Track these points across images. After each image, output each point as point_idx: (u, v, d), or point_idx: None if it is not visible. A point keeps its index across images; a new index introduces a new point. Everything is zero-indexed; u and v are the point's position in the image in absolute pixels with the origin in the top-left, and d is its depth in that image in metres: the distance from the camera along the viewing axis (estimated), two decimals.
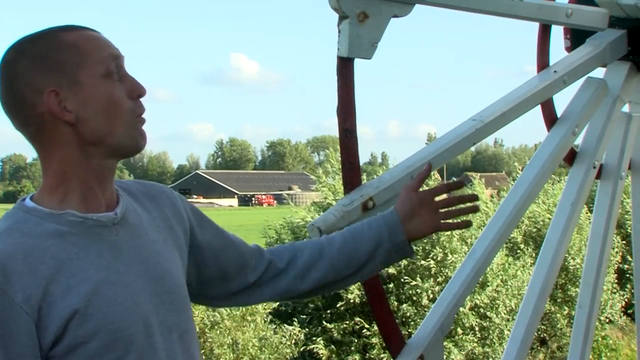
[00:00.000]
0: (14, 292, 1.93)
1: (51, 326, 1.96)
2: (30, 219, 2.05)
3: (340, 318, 13.39)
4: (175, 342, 2.17)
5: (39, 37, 2.12)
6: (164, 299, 2.17)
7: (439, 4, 3.26)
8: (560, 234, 3.89)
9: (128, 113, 2.13)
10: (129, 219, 2.19)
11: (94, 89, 2.09)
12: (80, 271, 2.01)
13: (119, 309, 2.04)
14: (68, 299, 1.97)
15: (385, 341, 3.30)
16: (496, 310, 14.12)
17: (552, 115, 3.88)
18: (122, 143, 2.13)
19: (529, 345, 3.84)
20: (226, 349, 11.86)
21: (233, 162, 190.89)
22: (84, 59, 2.09)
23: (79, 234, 2.06)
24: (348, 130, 3.01)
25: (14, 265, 1.95)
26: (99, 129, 2.10)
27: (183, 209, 2.40)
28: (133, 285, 2.09)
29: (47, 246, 2.00)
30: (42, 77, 2.07)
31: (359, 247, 2.60)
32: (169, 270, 2.23)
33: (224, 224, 2.77)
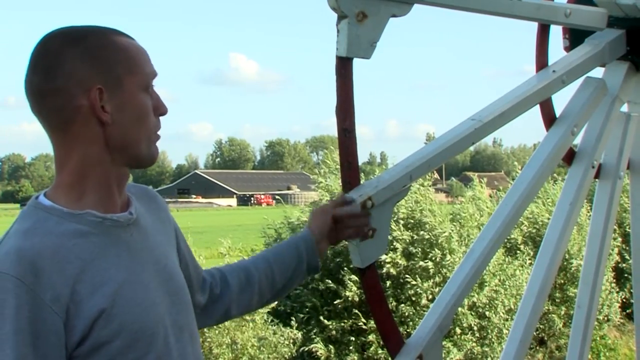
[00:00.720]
0: (43, 291, 1.95)
1: (78, 325, 1.98)
2: (51, 218, 2.06)
3: (338, 316, 13.39)
4: (187, 341, 2.22)
5: (90, 31, 2.15)
6: (174, 300, 2.21)
7: (437, 4, 3.26)
8: (559, 234, 3.89)
9: (152, 128, 2.18)
10: (140, 220, 2.22)
11: (133, 98, 2.13)
12: (103, 271, 2.04)
13: (139, 309, 2.07)
14: (94, 299, 2.00)
15: (383, 341, 3.30)
16: (495, 310, 14.12)
17: (551, 115, 3.88)
18: (142, 154, 2.18)
19: (528, 345, 3.84)
20: (225, 348, 11.85)
21: (232, 161, 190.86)
22: (133, 67, 2.14)
23: (98, 234, 2.09)
24: (347, 129, 3.00)
25: (43, 264, 1.96)
26: (126, 136, 2.14)
27: (169, 216, 2.45)
28: (150, 286, 2.14)
29: (71, 246, 2.03)
30: (91, 71, 2.09)
31: (281, 272, 2.76)
32: (175, 271, 2.29)
33: (223, 224, 2.79)
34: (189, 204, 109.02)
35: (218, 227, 47.08)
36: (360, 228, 2.98)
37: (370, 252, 3.10)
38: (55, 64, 2.09)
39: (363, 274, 3.14)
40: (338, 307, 13.26)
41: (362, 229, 2.99)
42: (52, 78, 2.09)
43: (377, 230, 3.09)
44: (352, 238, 3.01)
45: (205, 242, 28.25)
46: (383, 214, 3.11)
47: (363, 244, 3.06)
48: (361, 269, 3.12)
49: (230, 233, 21.41)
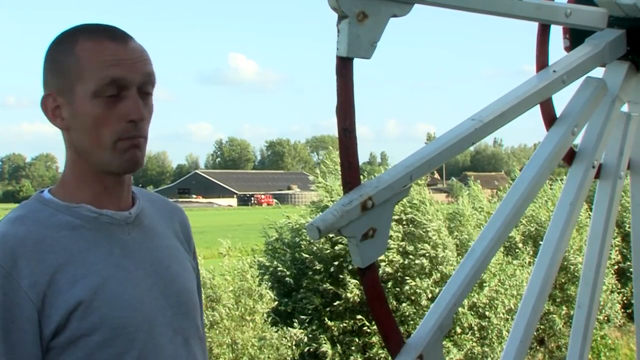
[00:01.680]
0: (20, 277, 1.96)
1: (54, 315, 1.98)
2: (46, 210, 2.09)
3: (339, 317, 13.41)
4: (179, 345, 2.19)
5: (67, 35, 2.17)
6: (172, 302, 2.19)
7: (438, 4, 3.26)
8: (560, 234, 3.89)
9: (109, 136, 2.10)
10: (143, 221, 2.22)
11: (82, 105, 2.11)
12: (89, 265, 2.04)
13: (123, 305, 2.06)
14: (73, 291, 2.00)
15: (384, 341, 3.30)
16: (495, 310, 14.14)
17: (552, 115, 3.88)
18: (104, 161, 2.13)
19: (528, 345, 3.83)
20: (225, 348, 11.86)
21: (232, 161, 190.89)
22: (82, 73, 2.10)
23: (91, 229, 2.10)
24: (347, 129, 3.00)
25: (23, 251, 1.98)
26: (84, 144, 2.14)
27: (190, 234, 2.44)
28: (140, 285, 2.12)
29: (58, 237, 2.04)
30: (49, 77, 2.15)
31: None
32: (180, 274, 2.26)
33: (223, 224, 2.80)
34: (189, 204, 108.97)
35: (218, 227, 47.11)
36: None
37: (371, 252, 3.10)
38: (44, 65, 2.19)
39: (363, 274, 3.14)
40: (339, 308, 13.28)
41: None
42: (43, 80, 2.19)
43: (378, 230, 3.09)
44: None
45: (206, 242, 28.29)
46: (383, 213, 3.11)
47: (363, 244, 3.06)
48: (361, 268, 3.12)
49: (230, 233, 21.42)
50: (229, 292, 12.18)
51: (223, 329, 11.87)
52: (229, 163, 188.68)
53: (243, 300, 12.20)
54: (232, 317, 11.95)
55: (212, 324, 11.90)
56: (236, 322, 11.96)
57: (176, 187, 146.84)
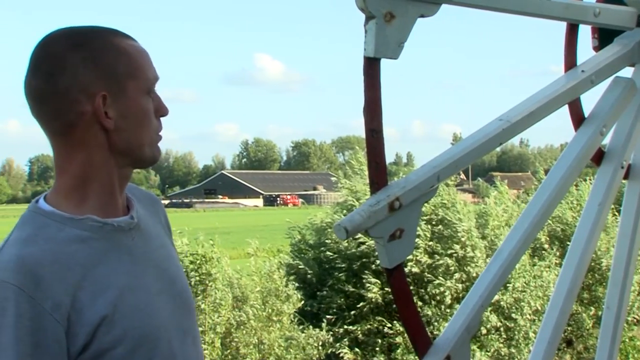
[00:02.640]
0: (44, 300, 1.92)
1: (80, 333, 1.96)
2: (51, 224, 2.04)
3: (363, 319, 13.40)
4: (190, 345, 2.20)
5: (93, 34, 2.12)
6: (178, 303, 2.19)
7: (466, 4, 3.25)
8: (588, 235, 3.86)
9: (154, 131, 2.17)
10: (141, 223, 2.20)
11: (136, 103, 2.11)
12: (104, 277, 2.02)
13: (142, 314, 2.05)
14: (96, 306, 1.98)
15: (411, 341, 3.29)
16: (521, 311, 14.07)
17: (580, 115, 3.86)
18: (145, 156, 2.16)
19: (556, 346, 3.81)
20: (252, 348, 11.89)
21: (258, 162, 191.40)
22: (135, 72, 2.12)
23: (99, 239, 2.06)
24: (374, 130, 3.00)
25: (43, 272, 1.94)
26: (129, 141, 2.12)
27: (168, 222, 2.44)
28: (151, 290, 2.11)
29: (71, 252, 2.00)
30: (95, 77, 2.06)
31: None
32: (178, 274, 2.27)
33: (249, 225, 2.82)
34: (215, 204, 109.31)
35: (245, 227, 47.16)
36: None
37: (398, 253, 3.10)
38: (58, 68, 2.05)
39: (390, 275, 3.14)
40: (363, 310, 13.27)
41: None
42: (54, 82, 2.05)
43: (405, 230, 3.08)
44: None
45: (232, 243, 28.35)
46: (411, 214, 3.11)
47: (390, 245, 3.06)
48: (388, 269, 3.11)
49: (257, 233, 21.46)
50: (256, 293, 12.20)
51: (250, 329, 11.89)
52: (255, 163, 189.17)
53: (270, 300, 12.22)
54: (259, 317, 11.97)
55: (238, 324, 11.94)
56: (263, 322, 11.98)
57: (202, 188, 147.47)
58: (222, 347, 11.81)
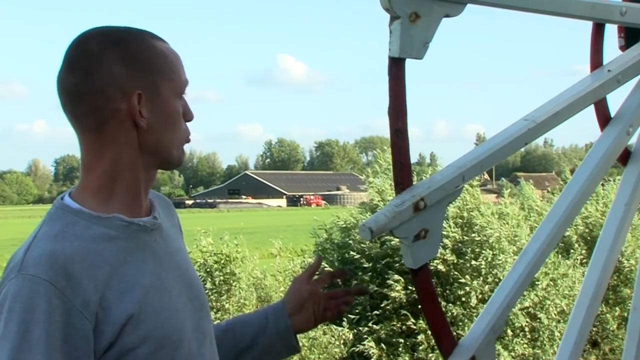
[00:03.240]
0: (74, 296, 1.94)
1: (107, 332, 1.98)
2: (80, 222, 2.05)
3: (387, 318, 13.38)
4: (208, 346, 2.23)
5: (130, 34, 2.15)
6: (196, 305, 2.21)
7: (491, 4, 3.24)
8: (614, 235, 3.84)
9: (182, 133, 2.20)
10: (162, 225, 2.23)
11: (168, 104, 2.14)
12: (129, 277, 2.04)
13: (165, 315, 2.07)
14: (123, 305, 2.00)
15: (436, 341, 3.29)
16: (546, 311, 14.00)
17: (606, 115, 3.83)
18: (172, 158, 2.19)
19: (582, 347, 3.80)
20: None
21: (282, 162, 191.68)
22: (170, 74, 2.15)
23: (125, 238, 2.08)
24: (399, 130, 3.00)
25: (74, 269, 1.95)
26: (160, 141, 2.15)
27: (180, 225, 2.46)
28: (173, 292, 2.13)
29: (100, 250, 2.02)
30: (131, 75, 2.09)
31: (244, 331, 2.63)
32: (194, 277, 2.29)
33: (273, 225, 2.85)
34: (239, 205, 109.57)
35: (268, 227, 47.27)
36: (338, 308, 2.91)
37: (423, 253, 3.09)
38: (94, 65, 2.07)
39: (415, 275, 3.13)
40: (387, 309, 13.26)
41: (341, 308, 2.92)
42: (91, 79, 2.07)
43: (430, 231, 3.08)
44: (329, 320, 2.95)
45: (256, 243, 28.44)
46: (435, 214, 3.10)
47: (415, 245, 3.06)
48: (413, 269, 3.11)
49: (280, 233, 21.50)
50: (280, 293, 12.22)
51: None
52: (278, 164, 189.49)
53: None
54: None
55: None
56: None
57: (226, 188, 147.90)
58: None
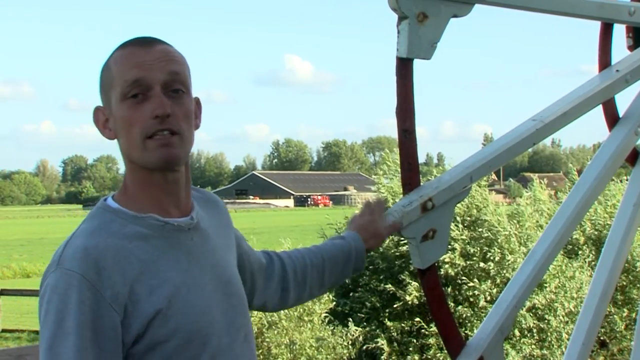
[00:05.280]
0: (104, 289, 2.05)
1: (135, 324, 2.07)
2: (116, 220, 2.17)
3: (397, 318, 13.36)
4: (242, 342, 2.29)
5: (113, 51, 2.28)
6: (232, 302, 2.29)
7: (499, 4, 3.24)
8: (622, 236, 3.83)
9: (138, 135, 2.19)
10: (200, 225, 2.30)
11: (115, 110, 2.22)
12: (161, 273, 2.13)
13: (195, 310, 2.16)
14: (152, 300, 2.09)
15: (444, 342, 3.29)
16: (554, 313, 13.96)
17: (614, 115, 3.82)
18: (140, 160, 2.22)
19: (591, 348, 3.79)
20: (283, 349, 11.90)
21: (289, 162, 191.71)
22: (112, 81, 2.22)
23: (159, 237, 2.18)
24: (407, 130, 3.00)
25: (104, 264, 2.06)
26: (124, 146, 2.25)
27: (230, 220, 2.53)
28: (207, 289, 2.21)
29: (132, 247, 2.12)
30: (101, 93, 2.27)
31: (331, 273, 2.86)
32: (234, 274, 2.36)
33: (281, 225, 2.89)
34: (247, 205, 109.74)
35: (276, 227, 47.20)
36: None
37: (431, 253, 3.10)
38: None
39: (423, 275, 3.14)
40: (398, 309, 13.24)
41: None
42: None
43: (438, 231, 3.08)
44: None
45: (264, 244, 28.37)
46: (443, 215, 3.11)
47: (423, 245, 3.06)
48: (421, 270, 3.11)
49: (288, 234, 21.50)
50: None
51: (281, 329, 11.91)
52: (285, 164, 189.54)
53: None
54: (291, 317, 11.99)
55: (270, 325, 11.96)
56: (294, 322, 12.00)
57: (234, 188, 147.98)
58: None
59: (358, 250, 2.90)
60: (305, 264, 2.80)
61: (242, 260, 2.52)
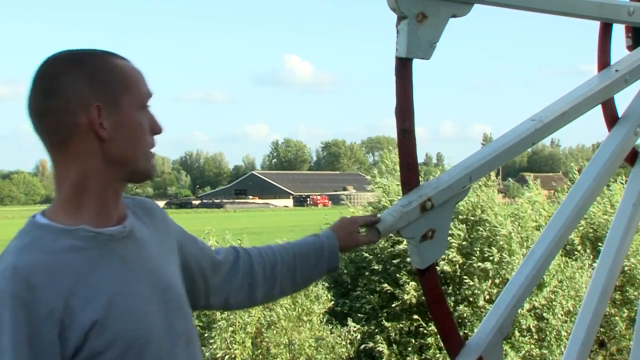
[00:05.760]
0: (39, 306, 2.03)
1: (72, 338, 2.06)
2: (45, 236, 2.14)
3: (396, 318, 13.36)
4: (183, 347, 2.29)
5: (90, 54, 2.25)
6: (172, 308, 2.28)
7: (498, 4, 3.24)
8: (621, 236, 3.84)
9: (148, 145, 2.28)
10: (135, 232, 2.29)
11: (130, 116, 2.22)
12: (96, 284, 2.11)
13: (132, 319, 2.15)
14: (87, 311, 2.07)
15: (443, 342, 3.29)
16: (553, 312, 13.96)
17: (614, 115, 3.83)
18: (139, 169, 2.27)
19: (590, 348, 3.79)
20: (282, 348, 11.90)
21: (288, 162, 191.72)
22: (129, 87, 2.24)
23: (92, 248, 2.16)
24: (406, 130, 3.00)
25: (36, 280, 2.04)
26: (123, 152, 2.23)
27: (170, 224, 2.52)
28: (144, 296, 2.21)
29: (65, 261, 2.10)
30: (90, 91, 2.19)
31: (304, 269, 2.90)
32: (173, 280, 2.35)
33: (280, 225, 2.89)
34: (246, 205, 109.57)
35: (275, 227, 47.20)
36: None
37: (430, 253, 3.10)
38: (56, 85, 2.18)
39: (422, 275, 3.14)
40: (396, 309, 13.23)
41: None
42: (53, 98, 2.17)
43: (437, 231, 3.08)
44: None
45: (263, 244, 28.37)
46: (442, 215, 3.11)
47: (422, 245, 3.06)
48: (421, 269, 3.11)
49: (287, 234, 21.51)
50: None
51: (280, 329, 11.91)
52: (285, 164, 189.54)
53: (300, 300, 12.24)
54: (289, 317, 11.99)
55: (269, 324, 11.96)
56: (293, 322, 12.00)
57: (233, 188, 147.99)
58: (253, 347, 11.84)
59: (331, 247, 2.93)
60: (275, 260, 2.83)
61: (188, 262, 2.52)
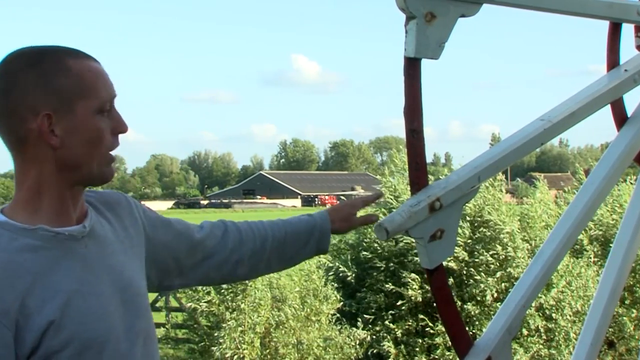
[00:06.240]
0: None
1: (28, 338, 2.03)
2: (4, 234, 2.12)
3: (402, 318, 13.34)
4: (141, 346, 2.28)
5: (46, 55, 2.19)
6: (130, 307, 2.27)
7: (507, 4, 3.23)
8: (631, 236, 3.82)
9: (105, 149, 2.23)
10: (96, 231, 2.28)
11: (84, 122, 2.18)
12: (54, 284, 2.09)
13: (90, 318, 2.13)
14: (44, 311, 2.05)
15: (452, 342, 3.29)
16: (562, 312, 13.93)
17: (623, 115, 3.82)
18: (93, 174, 2.23)
19: (599, 348, 3.78)
20: (291, 348, 11.90)
21: (296, 162, 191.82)
22: (86, 92, 2.18)
23: (51, 248, 2.13)
24: (415, 130, 3.00)
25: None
26: (77, 158, 2.19)
27: (138, 215, 2.50)
28: (103, 295, 2.19)
29: (22, 261, 2.07)
30: (41, 97, 2.14)
31: (293, 246, 2.92)
32: (133, 279, 2.33)
33: None
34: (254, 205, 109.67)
35: None
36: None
37: (439, 253, 3.09)
38: (11, 86, 2.14)
39: (431, 275, 3.13)
40: (402, 308, 13.22)
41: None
42: (7, 99, 2.14)
43: (446, 231, 3.08)
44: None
45: None
46: (451, 215, 3.10)
47: (431, 245, 3.06)
48: (429, 270, 3.11)
49: None
50: (294, 293, 12.21)
51: (289, 329, 11.90)
52: (293, 164, 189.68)
53: (309, 300, 12.23)
54: (298, 317, 11.99)
55: (277, 324, 11.95)
56: (302, 322, 11.99)
57: (241, 188, 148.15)
58: (262, 347, 11.84)
59: (323, 228, 2.96)
60: (266, 235, 2.84)
61: (157, 250, 2.52)
